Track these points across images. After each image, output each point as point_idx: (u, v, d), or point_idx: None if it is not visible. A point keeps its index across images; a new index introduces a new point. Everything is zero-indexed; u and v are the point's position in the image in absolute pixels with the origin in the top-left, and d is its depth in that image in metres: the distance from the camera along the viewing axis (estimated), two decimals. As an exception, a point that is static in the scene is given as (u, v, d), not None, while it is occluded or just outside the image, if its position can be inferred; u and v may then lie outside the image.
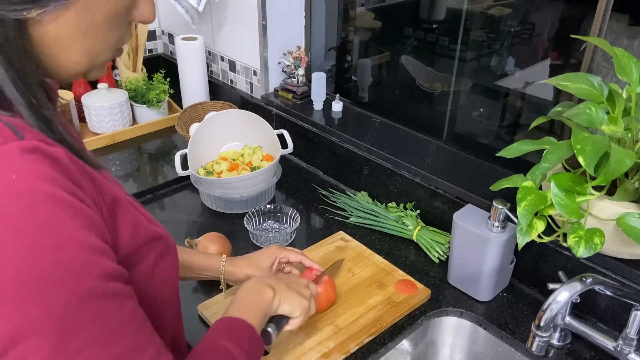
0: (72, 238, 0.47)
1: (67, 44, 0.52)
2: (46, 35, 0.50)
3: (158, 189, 1.43)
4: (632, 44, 1.19)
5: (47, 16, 0.49)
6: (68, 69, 0.54)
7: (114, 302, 0.50)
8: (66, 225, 0.47)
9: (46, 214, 0.46)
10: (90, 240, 0.49)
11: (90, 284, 0.48)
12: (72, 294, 0.46)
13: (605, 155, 0.81)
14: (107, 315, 0.49)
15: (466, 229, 1.02)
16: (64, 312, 0.46)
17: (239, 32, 1.65)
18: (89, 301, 0.48)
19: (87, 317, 0.48)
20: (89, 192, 0.51)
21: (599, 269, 0.96)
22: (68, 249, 0.46)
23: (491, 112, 1.41)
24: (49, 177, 0.47)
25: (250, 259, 1.02)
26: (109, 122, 1.62)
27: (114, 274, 0.51)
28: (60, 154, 0.49)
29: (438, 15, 1.45)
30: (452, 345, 1.09)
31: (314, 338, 0.96)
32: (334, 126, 1.45)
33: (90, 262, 0.48)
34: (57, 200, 0.46)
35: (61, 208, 0.47)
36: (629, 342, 0.86)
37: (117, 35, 0.56)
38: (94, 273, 0.48)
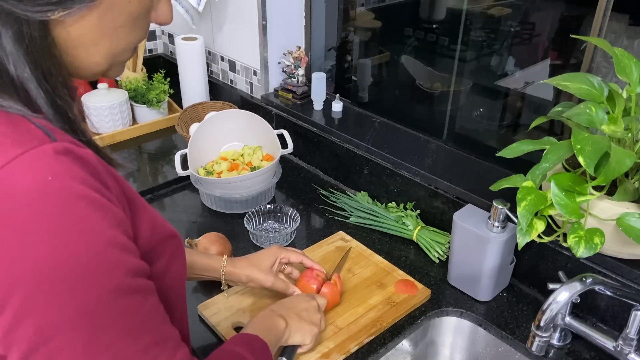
0: (103, 236, 0.49)
1: (89, 45, 0.53)
2: (69, 36, 0.51)
3: (158, 189, 1.43)
4: (632, 44, 1.19)
5: (70, 17, 0.50)
6: (89, 68, 0.55)
7: (139, 297, 0.52)
8: (98, 224, 0.49)
9: (80, 214, 0.48)
10: (119, 238, 0.51)
11: (119, 280, 0.50)
12: (103, 290, 0.48)
13: (605, 155, 0.81)
14: (133, 310, 0.52)
15: (466, 229, 1.02)
16: (96, 308, 0.48)
17: (239, 32, 1.65)
18: (118, 297, 0.50)
19: (116, 312, 0.50)
20: (115, 191, 0.53)
21: (599, 269, 0.96)
22: (100, 246, 0.49)
23: (491, 112, 1.41)
24: (81, 178, 0.49)
25: (250, 260, 1.02)
26: (109, 122, 1.62)
27: (139, 269, 0.53)
28: (90, 155, 0.51)
29: (438, 15, 1.45)
30: (452, 345, 1.09)
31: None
32: (334, 126, 1.45)
33: (119, 259, 0.50)
34: (89, 200, 0.48)
35: (93, 208, 0.49)
36: (629, 342, 0.86)
37: (137, 35, 0.57)
38: (123, 270, 0.50)
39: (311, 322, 0.90)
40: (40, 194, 0.46)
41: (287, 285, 1.01)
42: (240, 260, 1.02)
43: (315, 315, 0.91)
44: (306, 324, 0.89)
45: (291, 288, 1.01)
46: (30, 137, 0.48)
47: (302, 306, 0.91)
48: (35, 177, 0.47)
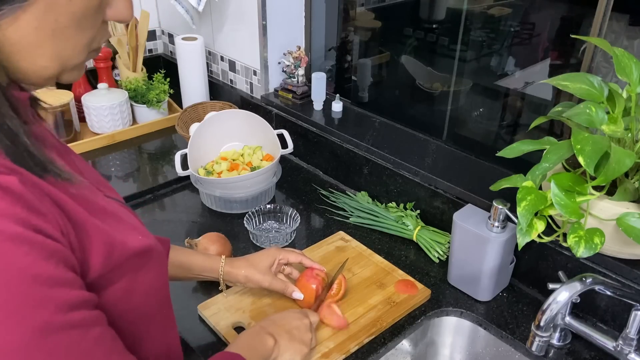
0: (26, 273, 0.45)
1: (31, 48, 0.49)
2: (8, 40, 0.48)
3: (158, 189, 1.43)
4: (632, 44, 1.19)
5: (4, 20, 0.46)
6: (37, 73, 0.51)
7: (75, 333, 0.49)
8: (18, 261, 0.45)
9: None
10: (48, 272, 0.47)
11: (46, 319, 0.46)
12: (27, 330, 0.45)
13: (605, 155, 0.81)
14: (68, 348, 0.48)
15: (466, 229, 1.02)
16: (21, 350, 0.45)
17: (239, 32, 1.65)
18: (47, 336, 0.46)
19: (46, 352, 0.46)
20: (51, 216, 0.49)
21: (599, 269, 0.96)
22: (21, 285, 0.45)
23: (491, 112, 1.41)
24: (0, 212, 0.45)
25: (249, 260, 1.01)
26: (109, 122, 1.62)
27: (75, 303, 0.49)
28: (13, 182, 0.46)
29: (438, 15, 1.45)
30: (452, 345, 1.09)
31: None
32: (334, 126, 1.45)
33: (46, 297, 0.46)
34: (7, 236, 0.44)
35: (13, 244, 0.44)
36: (629, 342, 0.86)
37: (88, 36, 0.53)
38: (51, 307, 0.46)
39: (302, 341, 0.87)
40: None
41: (286, 285, 1.01)
42: (239, 261, 1.01)
43: (306, 335, 0.89)
44: (297, 343, 0.86)
45: (289, 288, 1.01)
46: None
47: (294, 324, 0.89)
48: None
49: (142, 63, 1.79)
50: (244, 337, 0.84)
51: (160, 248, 0.64)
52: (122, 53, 1.74)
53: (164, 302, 0.67)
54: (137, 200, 1.38)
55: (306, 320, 0.91)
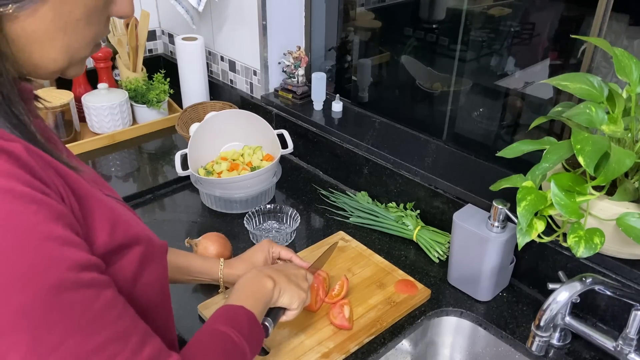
0: (36, 231, 0.46)
1: (45, 40, 0.51)
2: (24, 31, 0.49)
3: (158, 189, 1.43)
4: (632, 44, 1.19)
5: (23, 11, 0.48)
6: (46, 66, 0.53)
7: (89, 292, 0.49)
8: (28, 219, 0.46)
9: (6, 210, 0.45)
10: (57, 232, 0.47)
11: (60, 276, 0.47)
12: (41, 288, 0.46)
13: (605, 155, 0.81)
14: (82, 306, 0.48)
15: (466, 229, 1.02)
16: (37, 307, 0.45)
17: (239, 32, 1.65)
18: (60, 294, 0.47)
19: (60, 310, 0.47)
20: (54, 186, 0.50)
21: (599, 269, 0.96)
22: (32, 243, 0.45)
23: (491, 112, 1.41)
24: (5, 172, 0.46)
25: (245, 259, 1.01)
26: (109, 122, 1.62)
27: (87, 264, 0.50)
28: (18, 148, 0.47)
29: (438, 15, 1.45)
30: (452, 345, 1.09)
31: (314, 338, 0.96)
32: (334, 126, 1.45)
33: (58, 254, 0.47)
34: (16, 194, 0.45)
35: (22, 202, 0.45)
36: (628, 342, 0.86)
37: (95, 30, 0.55)
38: (64, 265, 0.47)
39: (299, 286, 0.88)
40: None
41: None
42: (236, 262, 1.01)
43: (303, 282, 0.89)
44: (294, 286, 0.86)
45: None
46: None
47: (291, 271, 0.90)
48: None
49: (142, 63, 1.79)
50: (244, 283, 0.83)
51: (161, 243, 0.65)
52: (122, 53, 1.74)
53: (164, 297, 0.67)
54: (137, 200, 1.38)
55: (302, 271, 0.92)
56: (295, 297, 0.86)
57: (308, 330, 0.98)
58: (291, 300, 0.86)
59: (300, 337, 0.96)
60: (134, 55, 1.75)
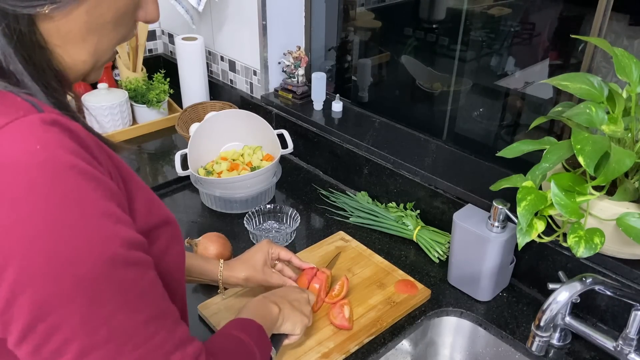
0: (96, 207, 0.48)
1: (77, 42, 0.52)
2: (59, 32, 0.51)
3: (158, 189, 1.43)
4: (632, 44, 1.19)
5: (59, 12, 0.49)
6: (76, 67, 0.55)
7: (136, 270, 0.51)
8: (89, 195, 0.48)
9: (71, 184, 0.46)
10: (112, 209, 0.49)
11: (115, 252, 0.48)
12: (98, 261, 0.47)
13: (605, 155, 0.81)
14: (131, 283, 0.50)
15: (466, 229, 1.02)
16: (92, 279, 0.47)
17: (239, 32, 1.65)
18: (114, 268, 0.48)
19: (113, 284, 0.48)
20: (107, 166, 0.52)
21: (599, 269, 0.96)
22: (93, 217, 0.47)
23: (491, 112, 1.41)
24: (70, 149, 0.47)
25: (244, 261, 1.01)
26: (109, 122, 1.62)
27: (135, 242, 0.52)
28: (79, 128, 0.50)
29: (438, 15, 1.45)
30: (452, 345, 1.09)
31: (314, 338, 0.96)
32: (334, 126, 1.45)
33: (114, 231, 0.49)
34: (79, 170, 0.47)
35: (84, 178, 0.47)
36: (629, 342, 0.86)
37: (122, 33, 0.57)
38: (118, 241, 0.49)
39: (302, 312, 0.90)
40: (29, 163, 0.45)
41: (284, 280, 1.02)
42: (235, 263, 1.01)
43: (306, 307, 0.92)
44: (298, 313, 0.89)
45: (288, 282, 1.02)
46: (16, 109, 0.48)
47: (294, 296, 0.92)
48: (23, 146, 0.46)
49: (142, 63, 1.79)
50: (251, 306, 0.85)
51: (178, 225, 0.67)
52: (122, 53, 1.74)
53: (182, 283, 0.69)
54: (137, 200, 1.38)
55: (305, 295, 0.94)
56: (298, 323, 0.89)
57: (308, 330, 0.98)
58: (294, 326, 0.89)
59: (300, 337, 0.96)
60: (134, 55, 1.75)
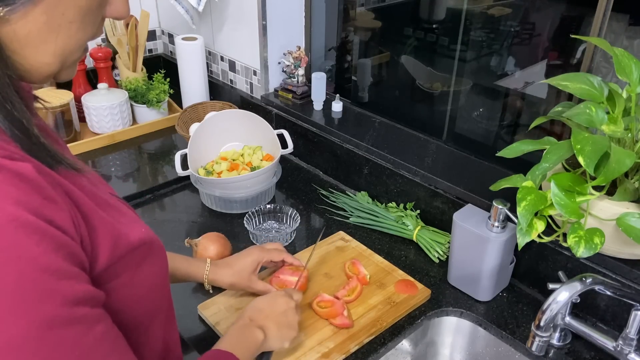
0: (35, 263, 0.44)
1: (38, 44, 0.49)
2: (16, 35, 0.48)
3: (158, 189, 1.43)
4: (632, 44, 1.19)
5: (14, 14, 0.47)
6: (39, 70, 0.52)
7: (79, 328, 0.48)
8: (29, 251, 0.44)
9: (8, 240, 0.43)
10: (57, 264, 0.46)
11: (52, 312, 0.45)
12: (33, 322, 0.44)
13: (605, 155, 0.81)
14: (71, 344, 0.47)
15: (466, 229, 1.02)
16: (26, 342, 0.44)
17: (239, 32, 1.65)
18: (51, 330, 0.45)
19: (49, 347, 0.45)
20: (64, 206, 0.49)
21: (599, 269, 0.96)
22: (30, 275, 0.44)
23: (491, 112, 1.41)
24: (14, 199, 0.44)
25: (233, 266, 1.01)
26: (109, 122, 1.62)
27: (81, 298, 0.48)
28: (28, 169, 0.46)
29: (438, 15, 1.45)
30: (452, 345, 1.09)
31: (314, 338, 0.96)
32: (334, 126, 1.45)
33: (54, 289, 0.46)
34: (20, 223, 0.44)
35: (25, 232, 0.44)
36: (629, 342, 0.86)
37: (89, 31, 0.53)
38: (58, 300, 0.46)
39: (290, 326, 0.89)
40: None
41: (268, 288, 1.03)
42: (222, 268, 1.01)
43: (294, 319, 0.90)
44: (285, 329, 0.88)
45: (272, 290, 1.03)
46: None
47: (281, 310, 0.89)
48: None
49: (142, 63, 1.79)
50: (235, 333, 0.84)
51: (160, 244, 0.65)
52: (122, 53, 1.74)
53: (165, 298, 0.67)
54: (137, 200, 1.38)
55: (292, 303, 0.92)
56: (286, 339, 0.88)
57: (308, 330, 0.98)
58: (282, 342, 0.88)
59: (300, 337, 0.96)
60: (134, 55, 1.75)
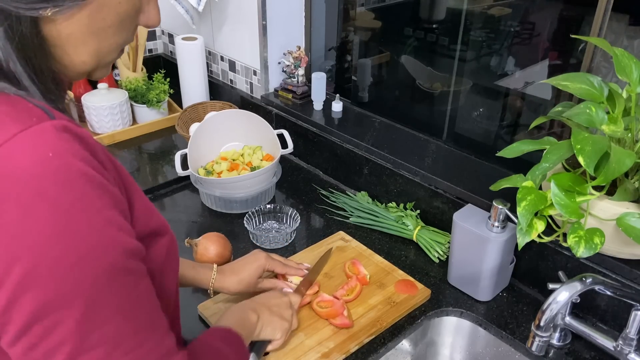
0: (102, 215, 0.49)
1: (77, 44, 0.54)
2: (60, 34, 0.52)
3: (158, 189, 1.43)
4: (632, 44, 1.19)
5: (61, 15, 0.51)
6: (76, 67, 0.56)
7: (133, 278, 0.53)
8: (96, 203, 0.49)
9: (79, 191, 0.48)
10: (116, 217, 0.51)
11: (115, 259, 0.50)
12: (99, 268, 0.49)
13: (605, 155, 0.81)
14: (127, 291, 0.52)
15: (466, 229, 1.02)
16: (92, 285, 0.48)
17: (239, 32, 1.65)
18: (113, 275, 0.50)
19: (111, 291, 0.50)
20: (112, 172, 0.54)
21: (599, 269, 0.96)
22: (98, 225, 0.49)
23: (491, 112, 1.41)
24: (81, 156, 0.49)
25: (239, 274, 1.00)
26: (109, 122, 1.62)
27: (134, 250, 0.53)
28: (88, 135, 0.52)
29: (438, 15, 1.45)
30: (452, 345, 1.09)
31: (314, 338, 0.96)
32: (334, 126, 1.45)
33: (116, 239, 0.50)
34: (88, 178, 0.49)
35: (92, 186, 0.49)
36: (629, 342, 0.86)
37: (124, 36, 0.58)
38: (119, 249, 0.51)
39: (282, 317, 0.90)
40: (41, 170, 0.47)
41: (274, 283, 1.04)
42: (229, 276, 1.00)
43: (286, 311, 0.92)
44: (277, 318, 0.89)
45: (279, 285, 1.04)
46: (29, 115, 0.49)
47: (274, 302, 0.92)
48: (36, 153, 0.47)
49: (142, 63, 1.79)
50: (230, 314, 0.86)
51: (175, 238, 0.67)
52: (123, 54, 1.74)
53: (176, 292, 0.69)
54: (137, 200, 1.38)
55: (286, 299, 0.95)
56: (278, 328, 0.89)
57: (308, 330, 0.98)
58: (274, 332, 0.89)
59: (300, 337, 0.96)
60: (134, 55, 1.75)
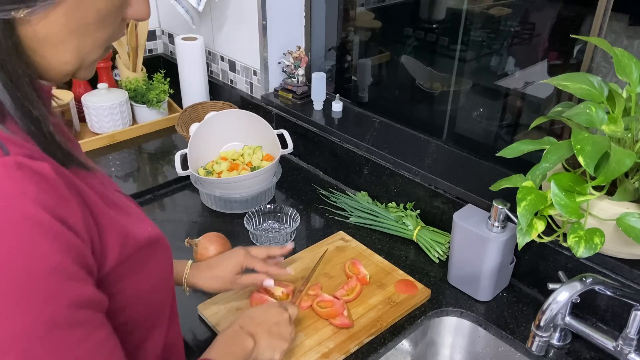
0: (45, 262, 0.45)
1: (57, 44, 0.50)
2: (36, 35, 0.49)
3: (158, 189, 1.43)
4: (632, 44, 1.19)
5: (35, 15, 0.47)
6: (58, 69, 0.53)
7: (80, 332, 0.48)
8: (41, 249, 0.45)
9: (22, 236, 0.44)
10: (65, 265, 0.47)
11: (57, 312, 0.46)
12: (37, 320, 0.45)
13: (605, 155, 0.81)
14: (71, 346, 0.48)
15: (466, 229, 1.02)
16: (27, 339, 0.45)
17: (239, 32, 1.65)
18: (54, 330, 0.46)
19: (50, 346, 0.46)
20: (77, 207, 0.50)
21: (599, 269, 0.96)
22: (39, 273, 0.45)
23: (491, 112, 1.41)
24: (32, 197, 0.45)
25: (213, 270, 0.99)
26: (109, 122, 1.62)
27: (86, 301, 0.49)
28: (47, 169, 0.47)
29: (438, 15, 1.45)
30: (452, 345, 1.09)
31: (314, 338, 0.96)
32: (334, 126, 1.45)
33: (61, 289, 0.46)
34: (35, 222, 0.45)
35: (39, 230, 0.45)
36: (629, 342, 0.86)
37: (108, 33, 0.54)
38: (64, 301, 0.47)
39: (281, 337, 0.87)
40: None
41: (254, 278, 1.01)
42: (203, 272, 0.99)
43: (286, 330, 0.88)
44: (277, 340, 0.86)
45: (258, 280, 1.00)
46: None
47: (274, 320, 0.88)
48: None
49: (142, 63, 1.79)
50: (224, 340, 0.82)
51: (166, 239, 0.65)
52: (122, 53, 1.74)
53: (170, 295, 0.68)
54: (137, 200, 1.36)
55: (285, 315, 0.90)
56: (277, 350, 0.86)
57: (308, 330, 0.98)
58: (273, 354, 0.85)
59: (300, 337, 0.96)
60: (134, 55, 1.75)
